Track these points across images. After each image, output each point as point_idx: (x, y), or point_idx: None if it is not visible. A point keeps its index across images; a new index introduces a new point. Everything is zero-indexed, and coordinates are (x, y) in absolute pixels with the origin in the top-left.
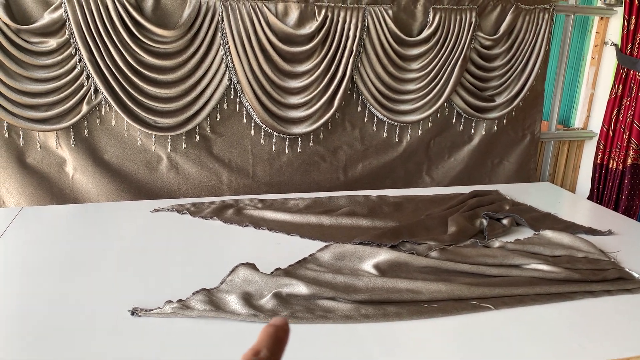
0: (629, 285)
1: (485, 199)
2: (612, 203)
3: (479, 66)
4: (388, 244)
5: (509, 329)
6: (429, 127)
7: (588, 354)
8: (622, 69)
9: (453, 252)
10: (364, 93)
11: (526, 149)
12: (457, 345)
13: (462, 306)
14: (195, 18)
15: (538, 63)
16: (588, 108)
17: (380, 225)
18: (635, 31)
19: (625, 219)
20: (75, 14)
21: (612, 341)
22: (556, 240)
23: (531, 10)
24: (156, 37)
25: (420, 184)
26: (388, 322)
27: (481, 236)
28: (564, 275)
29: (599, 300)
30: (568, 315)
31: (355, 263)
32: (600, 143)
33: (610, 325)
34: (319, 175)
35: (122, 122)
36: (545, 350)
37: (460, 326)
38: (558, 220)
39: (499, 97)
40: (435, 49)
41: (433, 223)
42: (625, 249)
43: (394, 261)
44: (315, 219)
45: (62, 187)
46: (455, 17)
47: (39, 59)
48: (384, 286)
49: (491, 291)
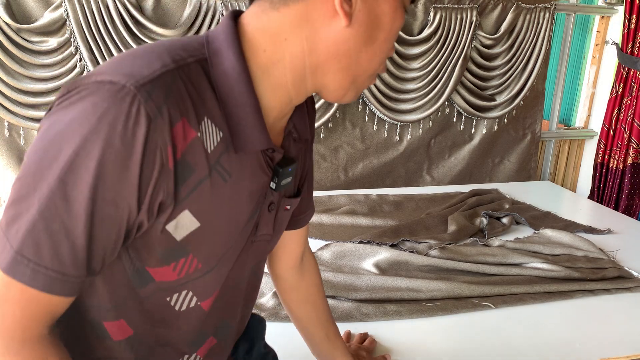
0: (628, 284)
1: (485, 198)
2: (613, 202)
3: (480, 65)
4: (388, 242)
5: (509, 328)
6: (429, 126)
7: (587, 352)
8: (622, 68)
9: (453, 250)
10: (365, 92)
11: (527, 148)
12: (457, 343)
13: (462, 304)
14: (196, 17)
15: (539, 62)
16: (589, 107)
17: (380, 224)
18: (636, 30)
19: (625, 218)
20: (75, 13)
21: (611, 339)
22: (556, 239)
23: (532, 9)
24: (157, 37)
25: (420, 183)
26: (388, 320)
27: (481, 235)
28: (563, 274)
29: (598, 299)
30: (567, 314)
31: (356, 262)
32: (600, 142)
33: (609, 323)
34: (320, 175)
35: None
36: (545, 349)
37: (460, 324)
38: (558, 219)
39: (499, 96)
40: (435, 48)
41: (433, 222)
42: (625, 248)
43: (394, 260)
44: (316, 218)
45: None
46: (456, 16)
47: (39, 58)
48: (384, 285)
49: (491, 289)
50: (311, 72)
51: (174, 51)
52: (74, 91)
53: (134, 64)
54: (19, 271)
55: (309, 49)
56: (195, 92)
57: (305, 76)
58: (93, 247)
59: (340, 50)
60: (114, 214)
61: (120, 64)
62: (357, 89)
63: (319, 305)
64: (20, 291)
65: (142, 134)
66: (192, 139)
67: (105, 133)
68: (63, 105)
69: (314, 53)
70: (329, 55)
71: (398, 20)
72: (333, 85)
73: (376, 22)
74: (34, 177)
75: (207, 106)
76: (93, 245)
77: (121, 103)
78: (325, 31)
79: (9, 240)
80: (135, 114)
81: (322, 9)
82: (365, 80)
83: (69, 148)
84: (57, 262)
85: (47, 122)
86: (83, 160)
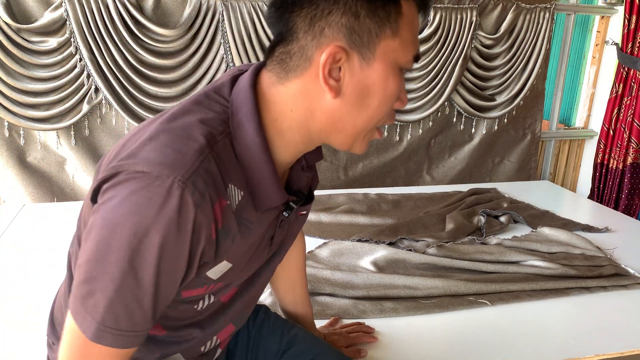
0: (625, 282)
1: (484, 197)
2: (612, 202)
3: (480, 65)
4: (386, 241)
5: (505, 325)
6: (429, 126)
7: (583, 348)
8: (622, 68)
9: (450, 249)
10: None
11: (527, 148)
12: (454, 340)
13: (459, 302)
14: (196, 17)
15: (539, 62)
16: (589, 107)
17: (379, 222)
18: (636, 30)
19: (625, 217)
20: (75, 13)
21: (607, 336)
22: (553, 237)
23: (532, 9)
24: (157, 36)
25: (420, 183)
26: (385, 317)
27: (479, 233)
28: (560, 271)
29: (594, 296)
30: (564, 311)
31: (353, 260)
32: (600, 142)
33: (605, 320)
34: (320, 175)
35: (123, 122)
36: (541, 345)
37: (456, 321)
38: (556, 217)
39: (499, 96)
40: (435, 48)
41: (431, 220)
42: (623, 247)
43: (391, 258)
44: (314, 217)
45: (62, 187)
46: (456, 16)
47: (39, 58)
48: (381, 282)
49: (487, 287)
50: (316, 134)
51: (205, 128)
52: (120, 179)
53: (174, 152)
54: (103, 338)
55: (311, 117)
56: (224, 166)
57: (312, 137)
58: (157, 307)
59: (335, 118)
60: (172, 280)
61: (163, 152)
62: (363, 141)
63: (297, 285)
64: (106, 352)
65: (191, 219)
66: (225, 207)
67: (163, 223)
68: (112, 194)
69: (315, 120)
70: (326, 122)
71: (392, 85)
72: (337, 142)
73: (366, 91)
74: (102, 263)
75: (231, 174)
76: (157, 306)
77: (172, 198)
78: (319, 102)
79: (90, 314)
80: (185, 205)
81: (316, 84)
82: (368, 134)
83: (134, 238)
84: (131, 325)
85: (102, 212)
86: (147, 246)
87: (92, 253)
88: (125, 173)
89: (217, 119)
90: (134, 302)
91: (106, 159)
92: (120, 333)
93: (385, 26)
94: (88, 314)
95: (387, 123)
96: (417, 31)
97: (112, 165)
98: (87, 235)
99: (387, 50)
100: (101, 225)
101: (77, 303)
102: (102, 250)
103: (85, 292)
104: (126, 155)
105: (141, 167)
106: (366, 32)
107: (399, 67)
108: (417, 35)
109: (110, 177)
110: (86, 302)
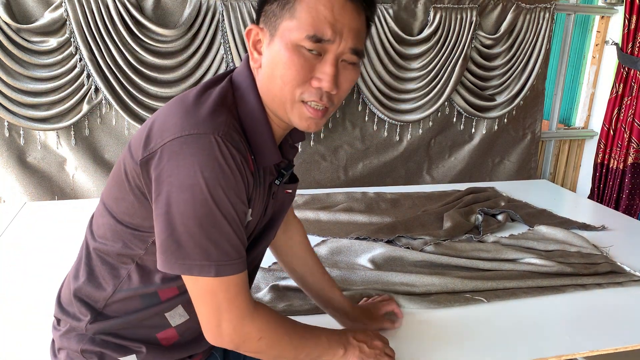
0: (620, 279)
1: (481, 196)
2: (613, 202)
3: (480, 65)
4: (384, 239)
5: (501, 321)
6: (429, 126)
7: (578, 345)
8: (622, 68)
9: (448, 246)
10: (365, 92)
11: (527, 148)
12: (450, 336)
13: (455, 298)
14: (196, 17)
15: (539, 62)
16: (589, 107)
17: (377, 221)
18: (636, 30)
19: (623, 216)
20: (75, 13)
21: (602, 333)
22: (550, 236)
23: (532, 9)
24: (157, 36)
25: (420, 183)
26: None
27: (476, 231)
28: (556, 269)
29: (589, 293)
30: (559, 308)
31: (351, 257)
32: (600, 142)
33: (600, 317)
34: (320, 174)
35: (123, 121)
36: (536, 342)
37: (452, 318)
38: (553, 216)
39: (499, 96)
40: (435, 48)
41: (429, 219)
42: (620, 245)
43: (389, 255)
44: (313, 215)
45: (62, 186)
46: (456, 16)
47: (39, 58)
48: (379, 279)
49: (484, 284)
50: (271, 104)
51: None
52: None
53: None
54: (223, 271)
55: (263, 88)
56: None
57: (275, 106)
58: (242, 235)
59: (265, 87)
60: (242, 210)
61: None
62: (294, 114)
63: (308, 260)
64: (227, 282)
65: (238, 161)
66: (249, 156)
67: (223, 169)
68: (175, 152)
69: (263, 91)
70: (265, 92)
71: (288, 59)
72: (278, 113)
73: (273, 63)
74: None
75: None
76: (242, 235)
77: (221, 148)
78: (259, 75)
79: (208, 258)
80: (230, 150)
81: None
82: (296, 107)
83: (205, 185)
84: (225, 256)
85: (167, 170)
86: (215, 188)
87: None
88: (182, 139)
89: (224, 94)
90: (222, 236)
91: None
92: (228, 262)
93: (284, 10)
94: (206, 259)
95: (310, 100)
96: (319, 16)
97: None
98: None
99: (285, 30)
100: (169, 183)
101: (178, 259)
102: (181, 203)
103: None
104: (170, 126)
105: (193, 130)
106: (272, 15)
107: (295, 44)
108: (318, 19)
109: (167, 141)
110: (183, 251)
